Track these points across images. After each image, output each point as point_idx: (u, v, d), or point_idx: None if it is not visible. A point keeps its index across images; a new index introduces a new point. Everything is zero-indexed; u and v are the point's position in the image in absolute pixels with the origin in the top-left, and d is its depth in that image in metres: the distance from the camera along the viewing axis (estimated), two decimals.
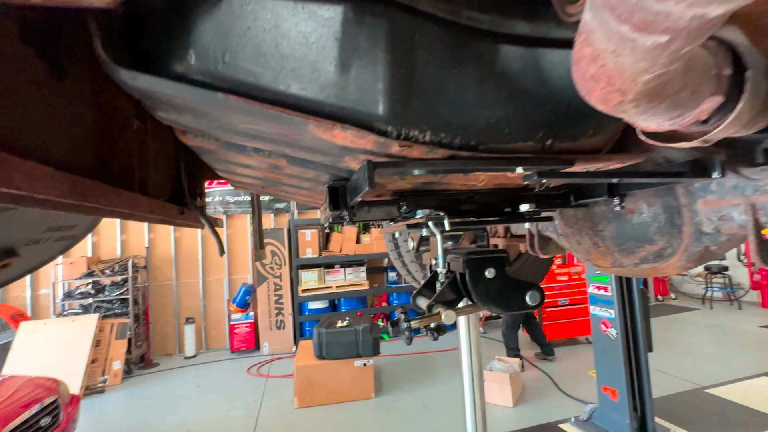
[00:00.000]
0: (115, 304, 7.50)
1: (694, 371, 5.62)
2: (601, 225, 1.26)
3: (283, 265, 8.16)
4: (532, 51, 0.75)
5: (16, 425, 3.37)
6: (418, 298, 1.10)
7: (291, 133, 0.60)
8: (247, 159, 0.86)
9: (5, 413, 3.50)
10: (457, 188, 1.01)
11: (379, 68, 0.58)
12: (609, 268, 1.33)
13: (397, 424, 4.62)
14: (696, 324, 8.33)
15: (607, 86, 0.44)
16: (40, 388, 3.94)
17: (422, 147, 0.60)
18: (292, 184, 1.11)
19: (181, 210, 1.22)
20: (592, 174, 0.76)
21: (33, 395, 3.78)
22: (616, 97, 0.45)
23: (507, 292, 0.94)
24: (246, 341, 8.05)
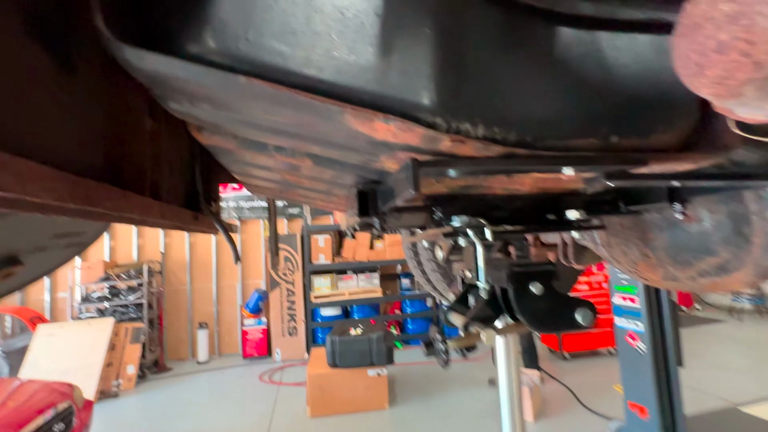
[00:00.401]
0: (130, 309, 7.55)
1: (725, 387, 5.32)
2: (652, 234, 1.14)
3: (296, 270, 8.12)
4: (595, 34, 0.65)
5: (31, 430, 3.36)
6: (450, 314, 1.00)
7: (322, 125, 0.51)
8: (268, 159, 0.78)
9: (20, 418, 3.50)
10: (497, 192, 0.91)
11: (426, 50, 0.49)
12: (659, 281, 1.20)
13: None
14: (724, 336, 7.95)
15: (739, 58, 0.34)
16: (55, 393, 3.94)
17: (476, 143, 0.51)
18: (312, 188, 1.03)
19: (195, 215, 1.15)
20: (669, 176, 0.65)
21: (47, 400, 3.78)
22: (744, 74, 0.35)
23: (555, 310, 0.84)
24: (258, 347, 8.00)
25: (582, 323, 0.84)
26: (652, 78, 0.68)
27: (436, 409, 5.13)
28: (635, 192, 1.01)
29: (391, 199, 0.64)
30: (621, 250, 1.24)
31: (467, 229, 0.80)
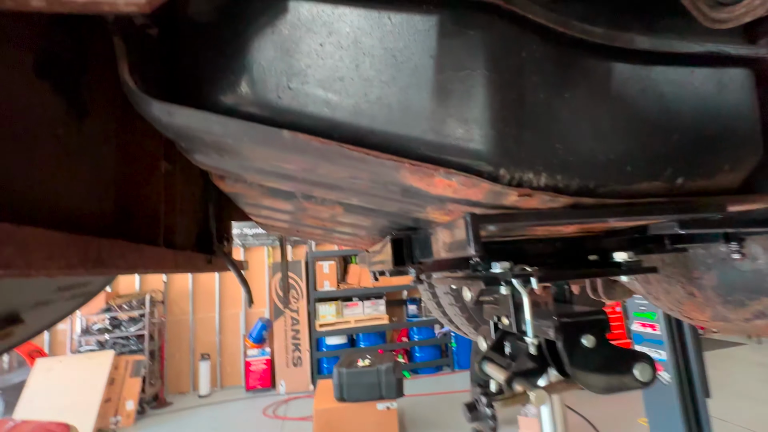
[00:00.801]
0: (131, 340, 7.37)
1: (753, 417, 5.04)
2: (698, 272, 1.06)
3: (300, 298, 7.95)
4: (652, 69, 0.60)
5: None
6: (485, 365, 0.91)
7: (371, 179, 0.46)
8: (292, 206, 0.72)
9: None
10: (537, 234, 0.84)
11: (485, 93, 0.44)
12: (707, 321, 1.11)
13: None
14: (745, 361, 7.64)
15: None
16: None
17: (542, 195, 0.45)
18: (336, 230, 0.97)
19: (208, 259, 1.08)
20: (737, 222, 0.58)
21: None
22: None
23: (610, 366, 0.75)
24: (262, 379, 7.73)
25: (641, 380, 0.75)
26: (714, 114, 0.63)
27: None
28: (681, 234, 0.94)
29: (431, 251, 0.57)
30: (662, 288, 1.16)
31: (513, 277, 0.73)
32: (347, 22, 0.40)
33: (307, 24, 0.40)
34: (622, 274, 0.83)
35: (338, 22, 0.40)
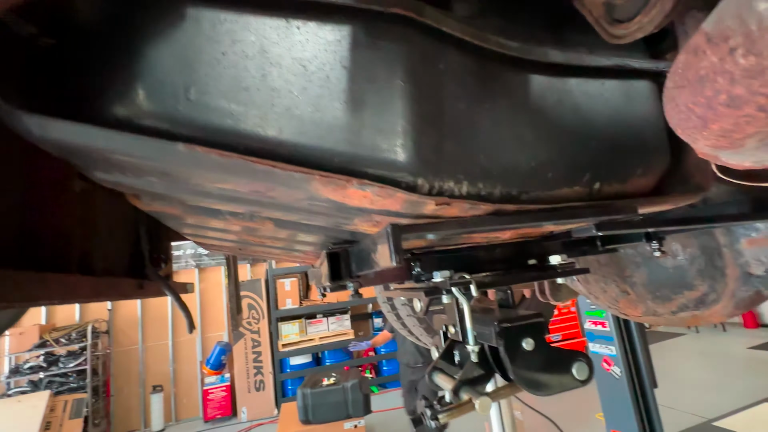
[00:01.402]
0: (70, 377, 6.67)
1: (696, 403, 5.45)
2: (629, 270, 1.13)
3: (261, 318, 7.64)
4: (566, 82, 0.64)
5: None
6: (435, 375, 0.90)
7: (286, 193, 0.44)
8: (222, 223, 0.68)
9: None
10: (477, 241, 0.86)
11: (402, 103, 0.44)
12: (640, 317, 1.18)
13: None
14: (686, 351, 8.28)
15: (754, 113, 0.31)
16: None
17: (462, 203, 0.45)
18: (275, 246, 0.93)
19: (140, 284, 1.00)
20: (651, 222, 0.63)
21: None
22: (755, 128, 0.32)
23: (550, 366, 0.77)
24: (222, 407, 7.28)
25: (579, 378, 0.78)
26: (624, 123, 0.68)
27: None
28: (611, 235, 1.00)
29: (368, 264, 0.56)
30: (600, 287, 1.22)
31: (452, 286, 0.73)
32: (252, 30, 0.39)
33: (208, 32, 0.38)
34: (557, 276, 0.86)
35: (243, 30, 0.39)
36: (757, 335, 8.50)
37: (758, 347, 7.70)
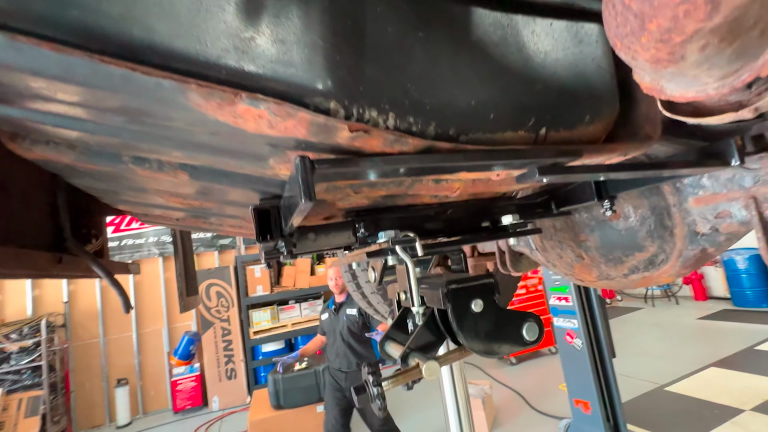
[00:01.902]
0: (24, 375, 6.29)
1: (650, 370, 5.82)
2: (584, 234, 1.13)
3: (230, 306, 7.45)
4: (512, 18, 0.59)
5: None
6: (387, 344, 0.87)
7: (166, 115, 0.36)
8: (133, 176, 0.59)
9: None
10: (426, 201, 0.81)
11: (310, 12, 0.37)
12: (595, 281, 1.19)
13: None
14: (642, 323, 8.81)
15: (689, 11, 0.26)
16: None
17: (385, 134, 0.40)
18: (213, 211, 0.85)
19: (59, 258, 0.89)
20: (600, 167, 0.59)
21: None
22: (695, 22, 0.28)
23: (499, 328, 0.74)
24: (192, 398, 7.11)
25: (528, 339, 0.76)
26: (573, 66, 0.64)
27: None
28: (565, 192, 0.98)
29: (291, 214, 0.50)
30: (556, 253, 1.22)
31: (395, 245, 0.68)
32: None
33: None
34: (508, 237, 0.83)
35: None
36: (706, 307, 9.16)
37: (707, 317, 8.31)
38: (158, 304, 7.82)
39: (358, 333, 3.81)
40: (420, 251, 0.68)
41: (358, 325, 3.80)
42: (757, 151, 0.79)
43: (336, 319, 3.91)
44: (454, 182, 0.73)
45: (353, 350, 3.81)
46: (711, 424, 4.15)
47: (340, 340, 3.83)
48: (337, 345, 3.88)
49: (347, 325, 3.81)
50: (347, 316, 3.83)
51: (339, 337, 3.84)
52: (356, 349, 3.80)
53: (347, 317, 3.83)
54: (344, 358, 3.82)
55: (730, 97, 0.49)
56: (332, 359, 3.94)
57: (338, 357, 3.86)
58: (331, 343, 3.98)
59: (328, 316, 4.03)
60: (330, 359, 4.00)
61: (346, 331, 3.81)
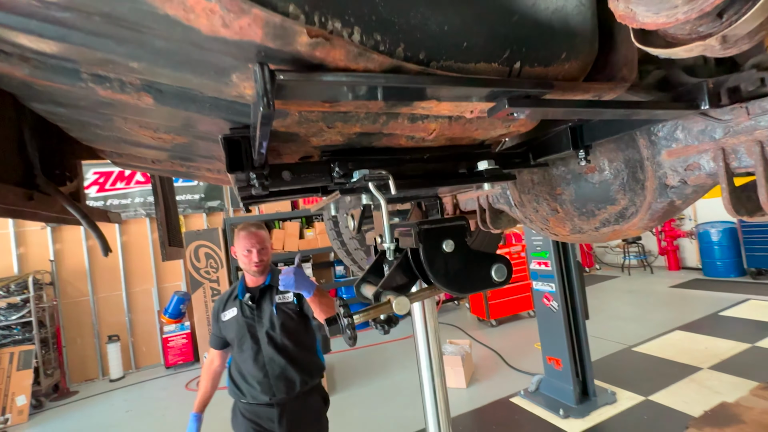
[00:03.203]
0: (14, 330, 6.36)
1: (620, 333, 6.16)
2: (560, 188, 1.15)
3: (220, 267, 7.51)
4: None
5: None
6: (363, 287, 0.89)
7: (112, 9, 0.35)
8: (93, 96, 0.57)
9: None
10: (402, 144, 0.81)
11: None
12: (568, 235, 1.23)
13: (354, 423, 4.44)
14: (617, 290, 9.21)
15: None
16: None
17: (349, 46, 0.39)
18: (187, 150, 0.83)
19: (29, 194, 0.87)
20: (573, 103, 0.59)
21: None
22: None
23: (469, 268, 0.77)
24: (183, 354, 7.32)
25: (497, 279, 0.79)
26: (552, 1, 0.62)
27: (377, 391, 5.16)
28: (543, 143, 0.99)
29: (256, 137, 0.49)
30: (533, 207, 1.24)
31: (369, 181, 0.69)
32: None
33: None
34: (483, 182, 0.84)
35: None
36: (679, 276, 9.59)
37: (678, 286, 8.72)
38: (147, 263, 7.83)
39: (298, 331, 2.23)
40: (393, 189, 0.69)
41: (296, 319, 2.23)
42: (731, 102, 0.80)
43: (255, 317, 2.23)
44: (430, 122, 0.73)
45: (293, 361, 2.18)
46: (671, 380, 4.47)
47: (269, 349, 2.17)
48: (261, 360, 2.18)
49: (281, 321, 2.19)
50: (278, 306, 2.21)
51: (266, 346, 2.18)
52: (298, 357, 2.20)
53: (278, 308, 2.21)
54: (279, 379, 2.16)
55: (701, 27, 0.49)
56: (250, 386, 2.20)
57: (266, 379, 2.17)
58: (245, 360, 2.21)
59: (235, 316, 2.25)
60: (242, 388, 2.22)
61: (279, 331, 2.17)
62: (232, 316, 2.26)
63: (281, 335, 2.18)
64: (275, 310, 2.21)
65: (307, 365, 2.25)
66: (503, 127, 0.82)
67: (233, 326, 2.24)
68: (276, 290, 2.25)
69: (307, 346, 2.27)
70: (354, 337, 0.69)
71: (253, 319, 2.22)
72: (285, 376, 2.16)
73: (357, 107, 0.54)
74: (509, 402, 4.46)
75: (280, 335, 2.18)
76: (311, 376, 2.26)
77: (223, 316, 2.29)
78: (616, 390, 4.36)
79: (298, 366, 2.19)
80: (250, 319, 2.22)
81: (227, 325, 2.27)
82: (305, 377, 2.21)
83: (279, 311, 2.21)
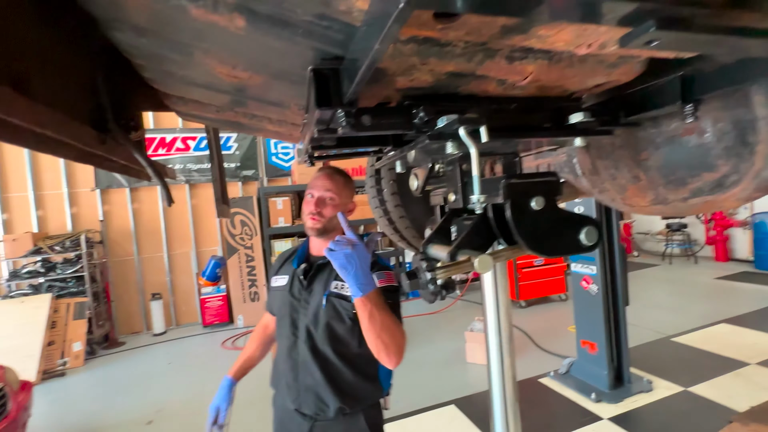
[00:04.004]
0: (69, 283, 6.89)
1: (659, 322, 5.91)
2: (646, 152, 1.04)
3: (254, 235, 7.76)
4: None
5: None
6: (430, 247, 0.85)
7: None
8: (182, 16, 0.54)
9: None
10: (489, 91, 0.74)
11: None
12: (647, 206, 1.12)
13: None
14: (657, 278, 8.80)
15: None
16: None
17: None
18: (257, 96, 0.80)
19: (101, 138, 0.88)
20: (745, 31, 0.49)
21: None
22: None
23: (557, 229, 0.71)
24: (219, 315, 7.73)
25: (586, 244, 0.72)
26: None
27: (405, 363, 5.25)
28: (640, 96, 0.88)
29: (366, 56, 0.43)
30: (609, 174, 1.14)
31: (461, 124, 0.63)
32: None
33: None
34: (577, 135, 0.76)
35: None
36: (726, 267, 9.01)
37: (724, 278, 8.21)
38: (186, 228, 8.19)
39: (347, 341, 1.50)
40: (485, 136, 0.63)
41: (349, 324, 1.48)
42: None
43: (302, 299, 1.56)
44: (528, 63, 0.65)
45: (331, 379, 1.48)
46: (713, 373, 4.27)
47: (305, 349, 1.51)
48: (294, 357, 1.54)
49: (327, 319, 1.49)
50: (330, 297, 1.50)
51: (302, 344, 1.52)
52: (338, 377, 1.49)
53: (329, 298, 1.50)
54: (309, 392, 1.49)
55: None
56: (279, 381, 1.63)
57: (295, 384, 1.53)
58: (281, 347, 1.62)
59: (283, 286, 1.64)
60: (278, 382, 1.64)
61: (321, 331, 1.50)
62: (281, 285, 1.63)
63: (323, 338, 1.47)
64: (325, 300, 1.47)
65: (352, 389, 1.48)
66: (604, 74, 0.73)
67: (277, 299, 1.63)
68: (332, 275, 1.51)
69: (356, 365, 1.49)
70: (437, 292, 0.65)
71: (299, 302, 1.53)
72: (316, 393, 1.47)
73: (468, 32, 0.47)
74: (537, 382, 4.43)
75: (322, 337, 1.47)
76: (356, 402, 1.49)
77: (273, 280, 1.70)
78: (653, 378, 4.22)
79: (335, 386, 1.45)
80: (296, 301, 1.53)
81: (274, 294, 1.68)
82: (345, 403, 1.46)
83: (328, 303, 1.47)
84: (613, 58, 0.69)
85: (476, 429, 3.64)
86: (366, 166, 2.07)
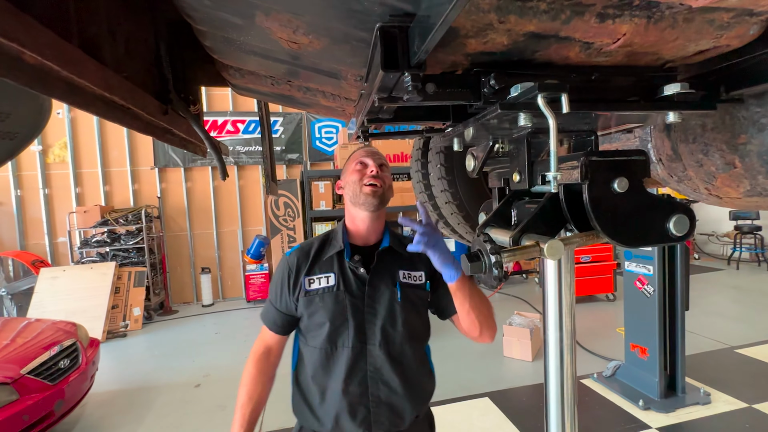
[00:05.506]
0: (131, 253, 7.52)
1: (721, 331, 5.41)
2: (746, 135, 0.90)
3: (296, 217, 7.99)
4: None
5: (36, 365, 3.38)
6: (491, 230, 0.79)
7: None
8: None
9: (26, 353, 3.52)
10: (570, 57, 0.65)
11: None
12: (739, 198, 0.98)
13: None
14: (721, 284, 8.03)
15: None
16: (60, 332, 3.95)
17: None
18: (314, 65, 0.77)
19: (164, 108, 0.90)
20: None
21: (53, 338, 3.79)
22: None
23: (642, 216, 0.62)
24: (261, 291, 8.10)
25: (676, 233, 0.63)
26: None
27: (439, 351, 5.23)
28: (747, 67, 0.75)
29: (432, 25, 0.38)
30: (695, 160, 1.00)
31: (541, 92, 0.56)
32: None
33: None
34: (673, 109, 0.66)
35: None
36: None
37: None
38: (234, 207, 8.60)
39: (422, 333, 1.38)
40: (566, 107, 0.55)
41: (423, 315, 1.38)
42: None
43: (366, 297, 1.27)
44: (624, 23, 0.56)
45: (409, 383, 1.29)
46: None
47: (381, 355, 1.26)
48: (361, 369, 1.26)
49: (405, 316, 1.29)
50: (404, 288, 1.30)
51: (376, 349, 1.26)
52: (414, 378, 1.31)
53: (404, 291, 1.29)
54: (383, 407, 1.25)
55: None
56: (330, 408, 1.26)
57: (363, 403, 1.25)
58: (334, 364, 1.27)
59: (331, 287, 1.28)
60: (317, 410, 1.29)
61: (401, 330, 1.28)
62: (326, 286, 1.27)
63: (403, 337, 1.27)
64: (399, 292, 1.27)
65: (424, 391, 1.34)
66: (712, 38, 0.62)
67: (328, 304, 1.26)
68: (400, 260, 1.31)
69: (425, 362, 1.37)
70: (501, 277, 0.60)
71: (363, 301, 1.26)
72: (392, 405, 1.26)
73: None
74: (579, 383, 4.23)
75: (402, 337, 1.27)
76: (425, 404, 1.35)
77: (307, 282, 1.29)
78: (711, 391, 3.87)
79: (412, 393, 1.28)
80: (359, 300, 1.26)
81: (314, 300, 1.27)
82: (418, 408, 1.30)
83: (404, 297, 1.28)
84: (726, 17, 0.58)
85: (509, 423, 3.55)
86: (411, 150, 2.01)
